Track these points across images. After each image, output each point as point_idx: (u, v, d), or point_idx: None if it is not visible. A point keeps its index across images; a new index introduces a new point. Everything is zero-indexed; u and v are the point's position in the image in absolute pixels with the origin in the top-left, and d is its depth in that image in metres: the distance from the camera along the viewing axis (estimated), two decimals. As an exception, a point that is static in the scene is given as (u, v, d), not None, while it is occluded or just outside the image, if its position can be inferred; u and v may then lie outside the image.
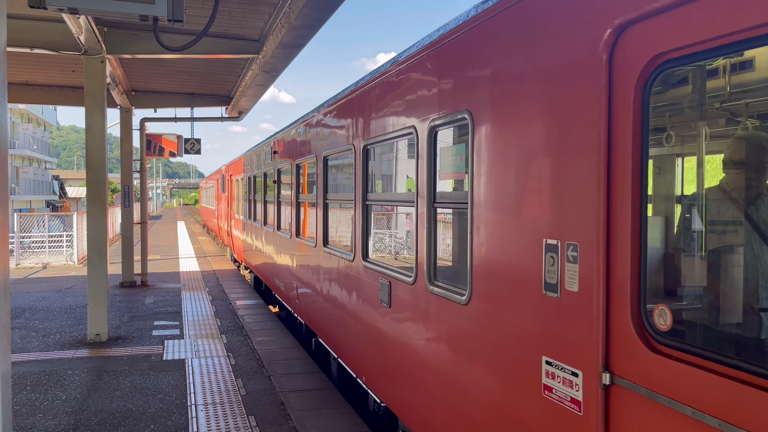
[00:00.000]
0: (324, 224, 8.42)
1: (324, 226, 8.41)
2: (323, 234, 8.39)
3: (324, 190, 8.42)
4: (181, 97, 17.63)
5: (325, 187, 8.42)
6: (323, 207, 8.46)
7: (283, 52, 11.11)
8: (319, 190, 8.59)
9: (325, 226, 8.41)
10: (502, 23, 3.84)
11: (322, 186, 8.44)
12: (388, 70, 5.77)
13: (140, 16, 5.21)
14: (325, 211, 8.45)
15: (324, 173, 8.39)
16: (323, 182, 8.43)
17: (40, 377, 8.24)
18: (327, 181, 8.42)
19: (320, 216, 8.54)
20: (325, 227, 8.41)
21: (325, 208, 8.45)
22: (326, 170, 8.39)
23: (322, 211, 8.49)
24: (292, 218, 10.49)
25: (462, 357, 4.33)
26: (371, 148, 6.51)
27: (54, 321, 11.97)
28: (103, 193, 10.36)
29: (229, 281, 17.76)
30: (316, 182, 8.73)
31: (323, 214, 8.45)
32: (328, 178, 8.42)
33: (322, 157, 8.37)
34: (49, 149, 79.19)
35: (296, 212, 10.32)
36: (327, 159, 8.32)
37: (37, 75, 15.16)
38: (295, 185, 10.45)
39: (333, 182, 8.49)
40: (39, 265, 22.10)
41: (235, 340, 10.32)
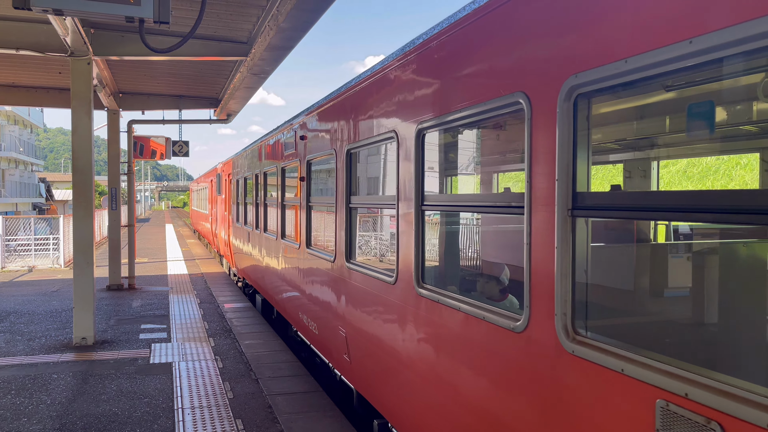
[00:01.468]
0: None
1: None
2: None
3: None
4: (169, 99, 17.56)
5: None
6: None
7: (271, 55, 11.10)
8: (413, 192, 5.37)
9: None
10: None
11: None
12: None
13: (126, 18, 5.19)
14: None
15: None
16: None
17: (24, 381, 8.16)
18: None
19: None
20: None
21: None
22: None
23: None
24: (340, 232, 6.96)
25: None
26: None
27: (39, 324, 11.85)
28: (89, 196, 10.29)
29: (217, 284, 17.67)
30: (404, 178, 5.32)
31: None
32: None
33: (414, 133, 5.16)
34: (35, 151, 78.46)
35: (346, 223, 6.82)
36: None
37: (23, 76, 15.04)
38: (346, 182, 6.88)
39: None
40: (25, 268, 21.89)
41: (223, 344, 10.27)
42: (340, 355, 7.06)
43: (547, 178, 3.27)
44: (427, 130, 4.77)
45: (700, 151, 7.04)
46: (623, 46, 2.73)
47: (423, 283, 4.82)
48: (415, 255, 4.89)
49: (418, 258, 4.89)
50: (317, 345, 8.35)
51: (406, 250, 5.07)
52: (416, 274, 4.87)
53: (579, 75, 2.99)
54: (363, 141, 6.22)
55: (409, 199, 4.93)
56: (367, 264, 6.42)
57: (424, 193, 4.72)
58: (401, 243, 5.14)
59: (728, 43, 2.22)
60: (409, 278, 4.99)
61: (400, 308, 5.23)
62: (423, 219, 4.83)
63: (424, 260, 4.90)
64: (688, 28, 2.40)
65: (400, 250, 5.17)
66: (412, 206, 4.91)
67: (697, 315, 4.06)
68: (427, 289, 4.77)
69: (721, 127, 4.94)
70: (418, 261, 4.88)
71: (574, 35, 3.08)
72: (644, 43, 2.60)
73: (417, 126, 4.77)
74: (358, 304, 6.45)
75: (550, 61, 3.23)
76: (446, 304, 4.42)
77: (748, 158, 15.70)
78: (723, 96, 4.08)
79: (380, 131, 5.67)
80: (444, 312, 4.46)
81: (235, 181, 17.27)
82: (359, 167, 6.90)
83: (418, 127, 4.78)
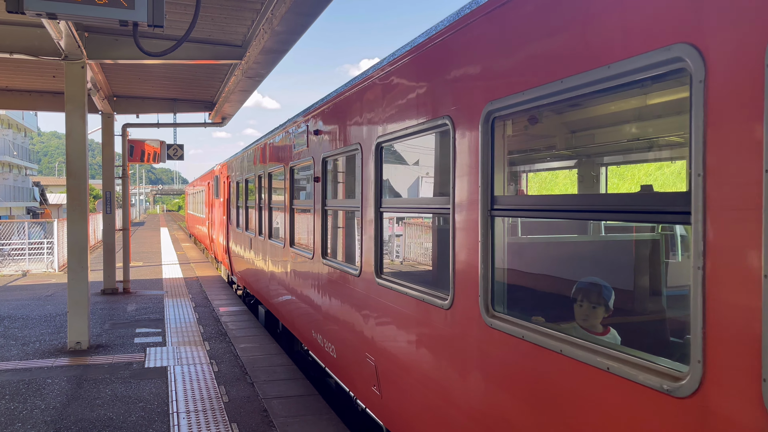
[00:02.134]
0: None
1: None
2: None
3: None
4: (163, 103, 17.52)
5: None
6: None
7: (266, 58, 11.09)
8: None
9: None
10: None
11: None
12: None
13: (120, 22, 5.19)
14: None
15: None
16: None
17: (18, 386, 8.12)
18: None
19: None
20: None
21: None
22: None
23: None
24: (367, 242, 5.93)
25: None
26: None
27: (34, 329, 11.80)
28: (83, 200, 10.25)
29: (212, 288, 17.64)
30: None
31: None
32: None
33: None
34: (29, 155, 78.21)
35: (375, 231, 5.80)
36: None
37: (17, 80, 14.99)
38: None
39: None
40: (19, 272, 21.79)
41: (218, 347, 10.24)
42: (367, 387, 5.94)
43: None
44: (497, 112, 3.71)
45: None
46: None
47: (495, 312, 3.76)
48: (482, 272, 3.81)
49: (486, 275, 3.80)
50: (335, 370, 7.22)
51: (466, 264, 4.01)
52: (484, 297, 3.81)
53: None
54: (399, 131, 5.17)
55: (470, 202, 4.00)
56: (404, 281, 5.22)
57: (494, 195, 3.75)
58: (459, 255, 4.13)
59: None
60: (473, 302, 3.94)
61: (456, 341, 4.19)
62: (493, 226, 3.79)
63: (494, 278, 3.82)
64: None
65: (458, 265, 4.14)
66: (477, 211, 3.87)
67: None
68: (503, 319, 3.65)
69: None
70: (486, 279, 3.81)
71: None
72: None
73: (487, 109, 3.74)
74: (392, 330, 5.35)
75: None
76: (540, 344, 3.27)
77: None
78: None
79: (423, 117, 4.68)
80: (535, 355, 3.33)
81: (235, 183, 16.35)
82: (392, 164, 5.90)
83: (489, 110, 3.73)
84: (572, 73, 3.01)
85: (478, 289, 3.89)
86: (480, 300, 3.86)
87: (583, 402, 2.96)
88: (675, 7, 2.48)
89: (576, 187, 6.66)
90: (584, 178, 6.38)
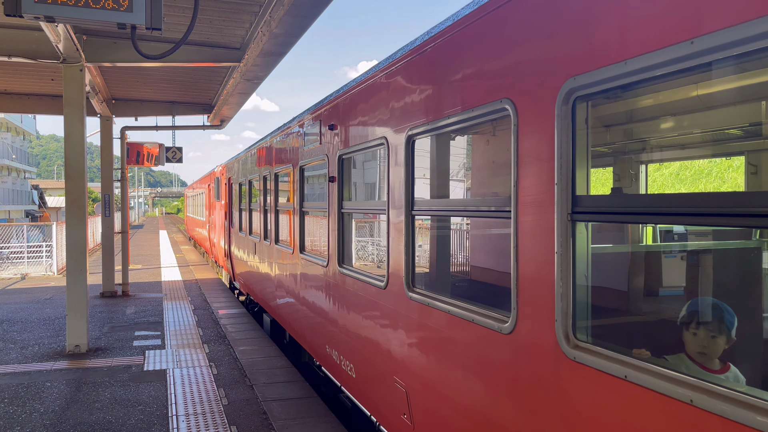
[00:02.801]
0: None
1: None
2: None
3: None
4: (162, 106, 17.54)
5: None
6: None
7: (264, 60, 11.10)
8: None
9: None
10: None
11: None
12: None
13: (118, 24, 5.19)
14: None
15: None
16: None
17: (17, 390, 8.10)
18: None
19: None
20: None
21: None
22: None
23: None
24: (396, 249, 5.19)
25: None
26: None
27: (32, 332, 11.78)
28: (82, 203, 10.25)
29: (211, 290, 17.63)
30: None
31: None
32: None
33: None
34: (28, 158, 78.15)
35: (406, 238, 5.04)
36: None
37: (15, 83, 15.00)
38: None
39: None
40: (18, 275, 21.76)
41: (218, 350, 10.23)
42: (395, 414, 5.21)
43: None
44: (581, 90, 2.99)
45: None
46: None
47: (578, 340, 2.98)
48: (561, 289, 3.04)
49: (566, 294, 3.03)
50: (354, 391, 6.41)
51: (537, 280, 3.25)
52: (563, 322, 3.03)
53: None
54: (438, 121, 4.36)
55: (540, 203, 3.22)
56: (441, 296, 4.47)
57: (576, 195, 3.04)
58: (525, 268, 3.36)
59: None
60: (546, 327, 3.16)
61: (522, 377, 3.39)
62: (574, 233, 3.03)
63: (576, 297, 3.03)
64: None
65: (524, 280, 3.38)
66: (552, 214, 3.11)
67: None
68: (591, 351, 2.87)
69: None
70: (566, 299, 3.03)
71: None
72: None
73: (567, 87, 3.00)
74: (429, 353, 4.58)
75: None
76: (657, 390, 2.50)
77: (740, 160, 15.74)
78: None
79: (470, 102, 3.92)
80: (646, 402, 2.57)
81: (237, 185, 15.70)
82: (427, 160, 4.99)
83: (571, 87, 2.97)
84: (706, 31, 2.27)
85: (554, 311, 3.07)
86: (557, 325, 3.04)
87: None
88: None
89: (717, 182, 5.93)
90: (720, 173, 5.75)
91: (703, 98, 3.79)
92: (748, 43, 2.12)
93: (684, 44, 2.34)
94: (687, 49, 2.33)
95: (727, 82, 3.37)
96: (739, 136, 5.13)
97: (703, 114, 4.53)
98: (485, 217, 4.70)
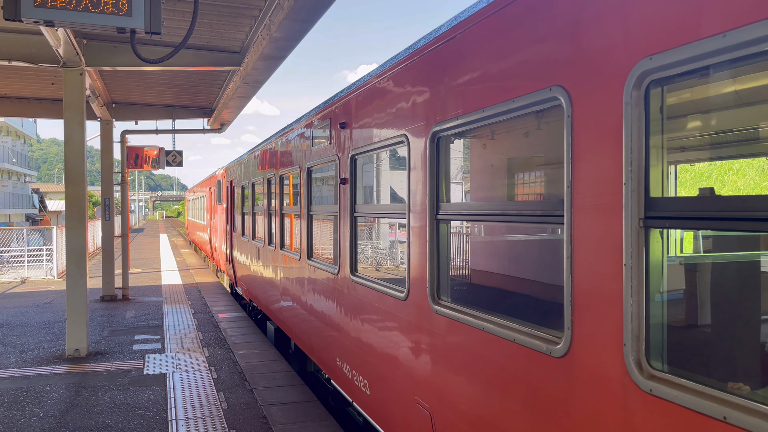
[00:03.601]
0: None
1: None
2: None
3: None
4: (162, 109, 17.56)
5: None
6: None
7: (264, 64, 11.12)
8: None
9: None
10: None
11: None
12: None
13: (117, 29, 5.20)
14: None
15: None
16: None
17: (17, 394, 8.09)
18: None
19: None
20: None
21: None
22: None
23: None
24: (418, 256, 4.77)
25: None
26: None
27: (32, 336, 11.77)
28: (82, 207, 10.25)
29: (211, 294, 17.61)
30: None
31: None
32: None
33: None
34: (29, 162, 78.19)
35: (431, 245, 4.63)
36: None
37: (16, 87, 15.02)
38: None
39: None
40: (18, 279, 21.75)
41: (218, 354, 10.22)
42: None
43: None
44: (656, 73, 2.54)
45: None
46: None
47: (652, 368, 2.55)
48: (632, 308, 2.61)
49: (638, 314, 2.60)
50: (368, 408, 5.98)
51: (600, 298, 2.82)
52: (634, 346, 2.60)
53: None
54: (469, 115, 3.90)
55: (604, 206, 2.78)
56: (472, 310, 3.98)
57: (650, 198, 2.59)
58: (583, 281, 2.93)
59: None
60: (612, 351, 2.72)
61: (579, 409, 2.95)
62: (648, 242, 2.60)
63: (650, 318, 2.61)
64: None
65: (580, 296, 2.94)
66: (620, 219, 2.67)
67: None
68: (672, 383, 2.43)
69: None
70: (638, 321, 2.60)
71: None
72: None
73: (638, 70, 2.58)
74: (460, 374, 4.08)
75: None
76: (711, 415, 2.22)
77: (740, 163, 15.55)
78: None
79: (511, 92, 3.45)
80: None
81: (240, 188, 15.17)
82: (455, 158, 4.63)
83: (645, 69, 2.55)
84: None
85: (621, 333, 2.63)
86: (627, 350, 2.59)
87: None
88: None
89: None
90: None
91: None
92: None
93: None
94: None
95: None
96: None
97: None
98: (528, 223, 4.06)
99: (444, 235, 4.43)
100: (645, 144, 2.55)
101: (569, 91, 2.97)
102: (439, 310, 4.29)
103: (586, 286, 2.88)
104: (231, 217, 17.44)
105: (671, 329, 2.75)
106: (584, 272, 2.89)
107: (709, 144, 4.97)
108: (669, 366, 2.56)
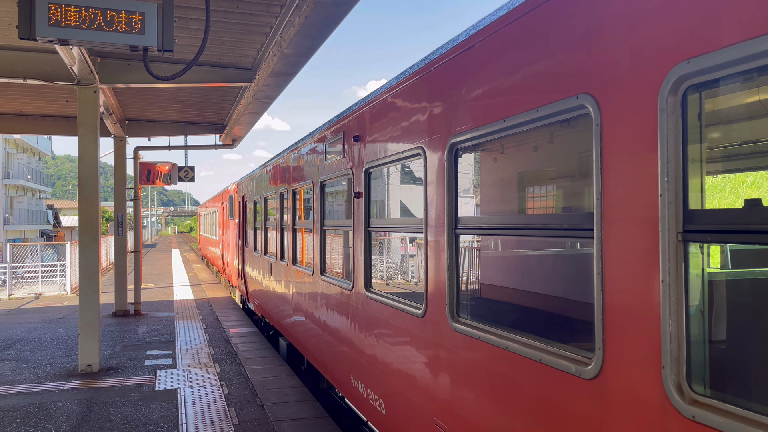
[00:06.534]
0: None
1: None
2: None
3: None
4: (174, 126, 17.73)
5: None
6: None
7: (275, 80, 11.21)
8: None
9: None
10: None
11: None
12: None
13: (130, 47, 5.26)
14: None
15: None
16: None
17: (29, 410, 8.11)
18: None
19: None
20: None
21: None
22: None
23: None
24: (436, 272, 4.64)
25: None
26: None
27: (45, 352, 11.83)
28: (95, 223, 10.33)
29: (223, 309, 17.63)
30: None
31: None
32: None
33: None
34: (43, 179, 79.08)
35: (448, 260, 4.55)
36: None
37: (31, 105, 15.23)
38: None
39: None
40: (32, 295, 21.92)
41: (229, 369, 10.20)
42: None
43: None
44: (696, 77, 2.40)
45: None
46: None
47: (694, 392, 2.40)
48: (672, 329, 2.44)
49: (678, 334, 2.43)
50: (384, 429, 5.79)
51: (635, 316, 2.63)
52: (675, 369, 2.43)
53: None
54: (489, 126, 3.75)
55: (638, 219, 2.62)
56: (494, 328, 3.81)
57: (689, 210, 2.46)
58: (615, 300, 2.75)
59: None
60: (648, 374, 2.55)
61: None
62: (687, 257, 2.45)
63: (690, 340, 2.45)
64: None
65: (616, 315, 2.75)
66: (655, 234, 2.51)
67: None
68: (720, 410, 2.24)
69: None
70: (678, 340, 2.44)
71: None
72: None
73: (675, 74, 2.44)
74: (479, 395, 3.94)
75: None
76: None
77: (754, 176, 15.35)
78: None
79: (536, 102, 3.30)
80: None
81: (252, 203, 15.14)
82: (473, 171, 4.53)
83: (683, 73, 2.41)
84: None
85: (659, 355, 2.46)
86: (666, 373, 2.42)
87: None
88: None
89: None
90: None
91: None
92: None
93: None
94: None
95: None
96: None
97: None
98: (553, 237, 3.83)
99: (463, 250, 4.26)
100: (683, 153, 2.41)
101: (597, 98, 2.84)
102: (459, 328, 4.13)
103: (618, 304, 2.71)
104: (243, 232, 17.40)
105: (713, 350, 2.59)
106: (617, 289, 2.72)
107: (748, 153, 4.72)
108: (712, 390, 2.39)
